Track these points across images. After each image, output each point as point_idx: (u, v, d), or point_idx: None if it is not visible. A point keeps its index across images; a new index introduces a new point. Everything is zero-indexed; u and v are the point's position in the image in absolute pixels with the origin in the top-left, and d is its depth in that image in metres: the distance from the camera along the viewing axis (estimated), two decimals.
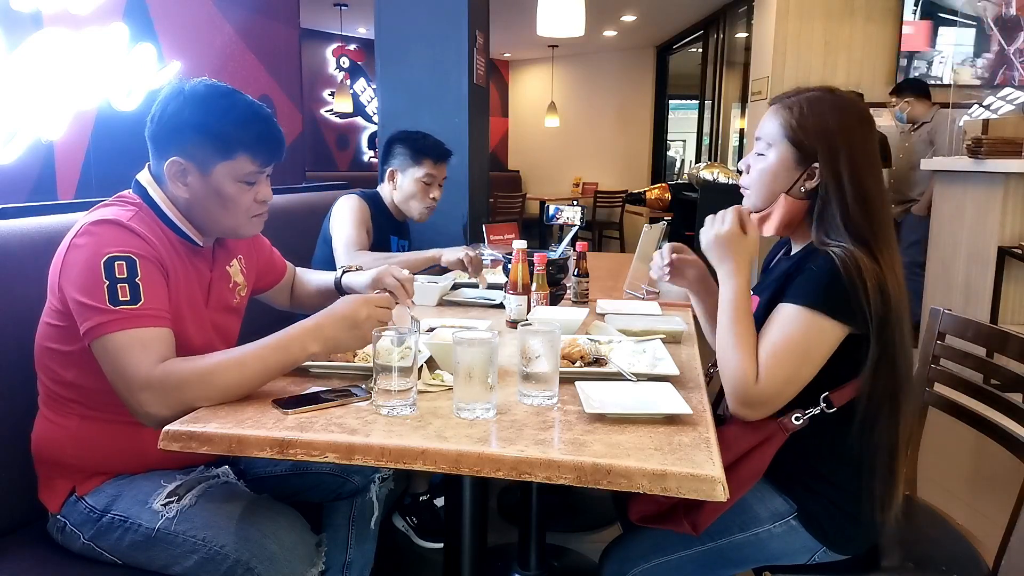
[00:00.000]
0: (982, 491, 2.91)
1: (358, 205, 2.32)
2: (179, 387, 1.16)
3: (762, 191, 1.34)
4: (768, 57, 5.73)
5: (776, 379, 1.19)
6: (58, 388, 1.32)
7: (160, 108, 1.33)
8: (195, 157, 1.32)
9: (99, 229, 1.23)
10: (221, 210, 1.36)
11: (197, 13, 2.90)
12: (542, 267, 1.79)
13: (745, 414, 1.22)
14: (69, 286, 1.21)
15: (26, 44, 2.12)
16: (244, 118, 1.33)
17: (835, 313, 1.18)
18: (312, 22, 8.39)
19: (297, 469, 1.52)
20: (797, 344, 1.19)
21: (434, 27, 3.15)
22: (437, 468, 1.02)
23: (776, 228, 1.34)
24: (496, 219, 7.11)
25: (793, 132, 1.28)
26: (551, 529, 2.21)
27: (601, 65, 10.17)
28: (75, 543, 1.31)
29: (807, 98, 1.29)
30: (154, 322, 1.21)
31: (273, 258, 1.71)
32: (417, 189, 2.39)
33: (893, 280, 1.21)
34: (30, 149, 2.16)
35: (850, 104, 1.29)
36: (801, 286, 1.22)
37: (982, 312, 3.86)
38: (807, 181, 1.29)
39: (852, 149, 1.25)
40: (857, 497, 1.27)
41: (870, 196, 1.25)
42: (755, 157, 1.35)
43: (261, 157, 1.35)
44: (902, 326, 1.23)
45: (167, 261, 1.29)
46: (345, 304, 1.29)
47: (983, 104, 4.81)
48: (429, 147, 2.40)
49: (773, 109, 1.33)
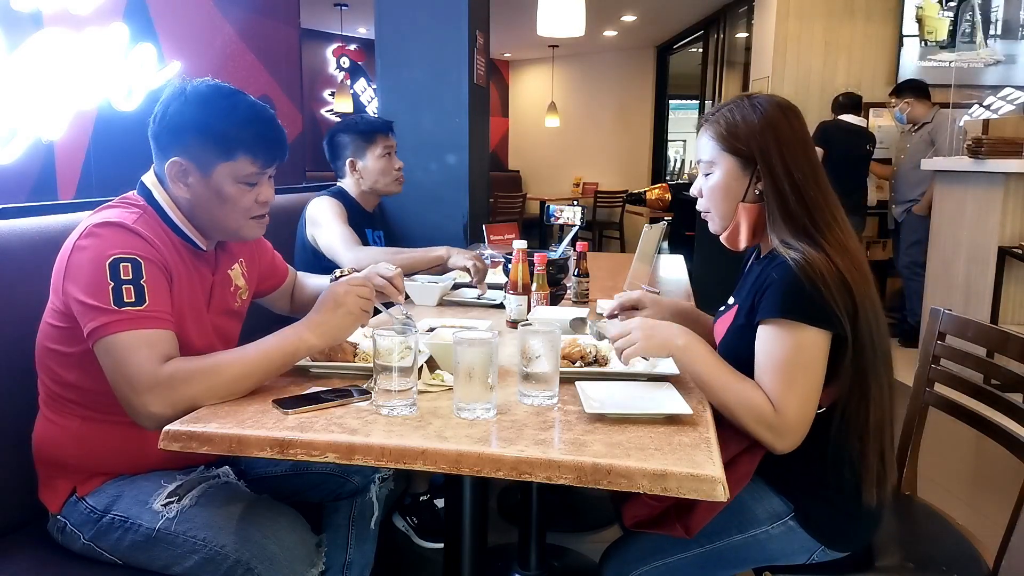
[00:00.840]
0: (982, 491, 2.91)
1: (334, 204, 2.32)
2: (184, 384, 1.16)
3: (720, 208, 1.35)
4: (768, 57, 5.73)
5: (793, 401, 1.19)
6: (59, 389, 1.32)
7: (162, 108, 1.33)
8: (196, 158, 1.32)
9: (104, 231, 1.23)
10: (221, 211, 1.35)
11: (197, 13, 2.90)
12: (542, 267, 1.80)
13: (782, 445, 1.20)
14: (73, 287, 1.21)
15: (26, 44, 2.11)
16: (246, 119, 1.33)
17: (813, 320, 1.19)
18: (312, 22, 8.38)
19: (297, 469, 1.52)
20: (794, 361, 1.19)
21: (434, 27, 3.14)
22: (437, 468, 1.02)
23: (747, 239, 1.35)
24: (496, 219, 7.11)
25: (727, 142, 1.31)
26: (551, 529, 2.21)
27: (601, 65, 10.17)
28: (75, 543, 1.31)
29: (728, 109, 1.33)
30: (159, 324, 1.21)
31: (275, 262, 1.71)
32: (382, 164, 2.41)
33: (848, 265, 1.21)
34: (30, 149, 2.16)
35: (767, 100, 1.32)
36: (771, 301, 1.22)
37: (982, 312, 3.86)
38: (757, 184, 1.30)
39: (781, 140, 1.28)
40: (852, 493, 1.27)
41: (807, 179, 1.27)
42: (703, 180, 1.37)
43: (262, 158, 1.35)
44: (875, 315, 1.23)
45: (170, 264, 1.30)
46: (324, 292, 1.33)
47: (983, 104, 4.82)
48: (373, 124, 2.43)
49: (703, 130, 1.36)
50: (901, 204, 4.92)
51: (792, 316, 1.19)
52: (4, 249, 1.44)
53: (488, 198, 3.82)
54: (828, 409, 1.26)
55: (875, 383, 1.23)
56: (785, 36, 5.65)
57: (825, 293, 1.18)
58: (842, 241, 1.25)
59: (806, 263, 1.19)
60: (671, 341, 1.26)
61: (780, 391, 1.19)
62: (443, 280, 2.12)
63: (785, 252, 1.23)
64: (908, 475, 1.65)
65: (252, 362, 1.22)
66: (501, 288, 2.00)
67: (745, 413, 1.20)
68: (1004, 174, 3.78)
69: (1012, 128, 4.92)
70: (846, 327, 1.19)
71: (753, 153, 1.29)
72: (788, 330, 1.20)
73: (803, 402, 1.20)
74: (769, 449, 1.22)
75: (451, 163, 3.19)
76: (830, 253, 1.22)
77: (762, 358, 1.23)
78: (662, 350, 1.26)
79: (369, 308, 1.34)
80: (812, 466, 1.28)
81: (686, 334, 1.27)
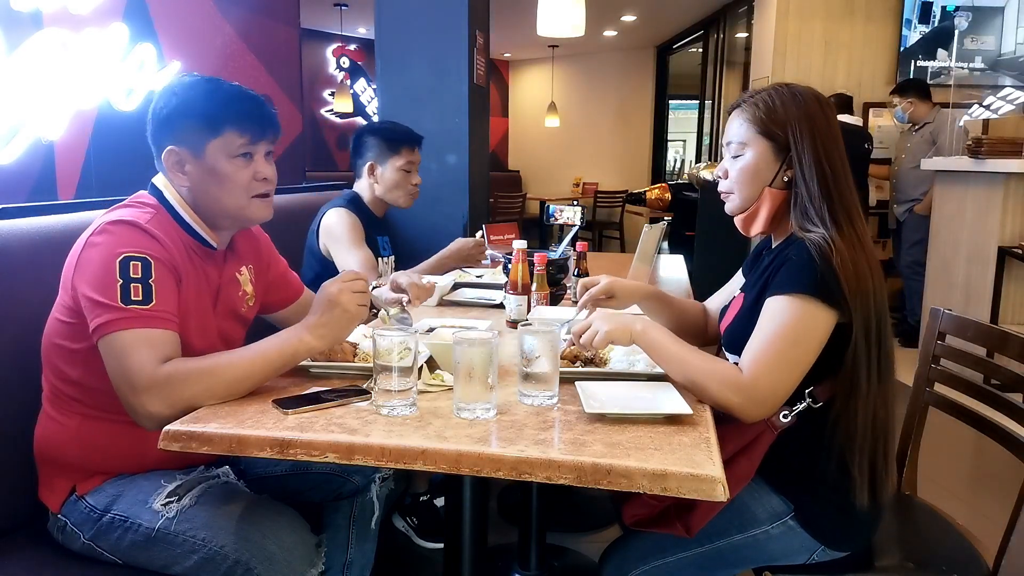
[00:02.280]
0: (982, 491, 2.91)
1: (353, 221, 2.28)
2: (183, 384, 1.16)
3: (745, 190, 1.35)
4: (768, 57, 5.73)
5: (769, 368, 1.18)
6: (63, 385, 1.32)
7: (154, 106, 1.36)
8: (186, 141, 1.34)
9: (117, 229, 1.25)
10: (221, 191, 1.36)
11: (197, 13, 2.90)
12: (542, 267, 1.79)
13: (750, 411, 1.19)
14: (82, 283, 1.22)
15: (26, 44, 2.11)
16: (228, 96, 1.36)
17: (824, 297, 1.19)
18: (312, 22, 8.38)
19: (297, 469, 1.52)
20: (786, 331, 1.19)
21: (434, 27, 3.14)
22: (437, 468, 1.02)
23: (764, 224, 1.36)
24: (496, 219, 7.11)
25: (764, 125, 1.32)
26: (551, 529, 2.20)
27: (601, 65, 10.17)
28: (75, 543, 1.32)
29: (767, 93, 1.34)
30: (163, 324, 1.22)
31: (288, 278, 1.69)
32: (399, 178, 2.38)
33: (864, 258, 1.23)
34: (30, 149, 2.16)
35: (806, 90, 1.33)
36: (784, 276, 1.23)
37: (982, 312, 3.86)
38: (787, 171, 1.31)
39: (817, 131, 1.29)
40: (850, 491, 1.26)
41: (836, 174, 1.28)
42: (731, 160, 1.37)
43: (249, 130, 1.35)
44: (881, 313, 1.23)
45: (180, 265, 1.30)
46: (319, 293, 1.31)
47: (983, 104, 4.82)
48: (402, 135, 2.40)
49: (737, 112, 1.36)
50: (903, 204, 4.92)
51: (803, 291, 1.19)
52: (4, 249, 1.44)
53: (488, 198, 3.82)
54: (827, 405, 1.25)
55: (866, 381, 1.23)
56: (785, 36, 5.64)
57: (840, 275, 1.18)
58: (860, 236, 1.26)
59: (826, 243, 1.21)
60: (630, 326, 1.28)
61: (758, 357, 1.19)
62: (443, 280, 2.12)
63: (804, 235, 1.25)
64: (908, 475, 1.65)
65: (251, 364, 1.22)
66: (501, 288, 2.00)
67: (710, 380, 1.19)
68: (1004, 174, 3.78)
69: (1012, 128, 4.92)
70: (854, 316, 1.19)
71: (788, 140, 1.30)
72: (796, 303, 1.19)
73: (781, 373, 1.18)
74: (739, 417, 1.20)
75: (451, 163, 3.19)
76: (851, 244, 1.23)
77: (759, 327, 1.22)
78: (624, 336, 1.28)
79: (366, 302, 1.32)
80: (812, 465, 1.28)
81: (642, 320, 1.30)
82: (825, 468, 1.27)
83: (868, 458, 1.25)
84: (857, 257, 1.22)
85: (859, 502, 1.25)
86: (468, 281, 2.24)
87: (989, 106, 4.79)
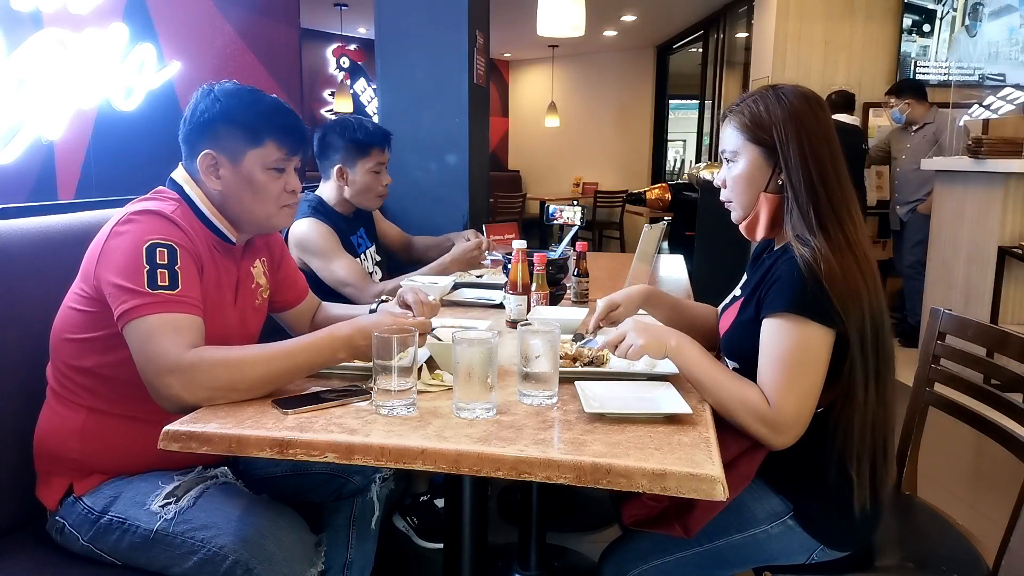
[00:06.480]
0: (982, 491, 2.91)
1: (324, 230, 2.14)
2: (208, 373, 1.17)
3: (743, 197, 1.36)
4: (768, 57, 5.73)
5: (790, 396, 1.19)
6: (74, 375, 1.33)
7: (191, 109, 1.39)
8: (226, 148, 1.37)
9: (143, 218, 1.27)
10: (253, 200, 1.40)
11: (197, 13, 2.90)
12: (542, 267, 1.79)
13: (777, 441, 1.20)
14: (107, 271, 1.24)
15: (26, 44, 2.11)
16: (271, 108, 1.40)
17: (815, 316, 1.19)
18: (312, 22, 8.38)
19: (297, 470, 1.52)
20: (792, 356, 1.19)
21: (434, 27, 3.14)
22: (437, 468, 1.02)
23: (766, 229, 1.36)
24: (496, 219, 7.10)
25: (751, 132, 1.31)
26: (551, 529, 2.21)
27: (601, 65, 10.17)
28: (74, 544, 1.32)
29: (752, 99, 1.33)
30: (189, 309, 1.24)
31: (296, 279, 1.69)
32: (370, 180, 2.27)
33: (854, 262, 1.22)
34: (30, 149, 2.16)
35: (792, 91, 1.32)
36: (776, 295, 1.23)
37: (982, 312, 3.86)
38: (779, 175, 1.31)
39: (803, 130, 1.28)
40: (850, 492, 1.27)
41: (825, 172, 1.27)
42: (727, 170, 1.37)
43: (288, 144, 1.40)
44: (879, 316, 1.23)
45: (202, 257, 1.33)
46: (374, 318, 1.30)
47: (983, 104, 4.81)
48: (372, 136, 2.27)
49: (727, 121, 1.36)
50: (905, 204, 4.91)
51: (797, 311, 1.19)
52: (4, 249, 1.44)
53: (488, 198, 3.81)
54: (826, 408, 1.26)
55: (863, 387, 1.23)
56: (785, 36, 5.64)
57: (831, 292, 1.18)
58: (855, 238, 1.25)
59: (815, 261, 1.20)
60: (665, 341, 1.27)
61: (778, 386, 1.19)
62: (443, 280, 2.12)
63: (797, 247, 1.24)
64: (908, 475, 1.65)
65: (277, 365, 1.22)
66: (501, 288, 2.00)
67: (740, 408, 1.20)
68: (1004, 174, 3.78)
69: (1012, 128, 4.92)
70: (848, 327, 1.19)
71: (775, 144, 1.29)
72: (792, 325, 1.20)
73: (801, 398, 1.20)
74: (766, 446, 1.22)
75: (451, 163, 3.19)
76: (841, 250, 1.22)
77: (765, 352, 1.23)
78: (659, 350, 1.27)
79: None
80: (811, 465, 1.28)
81: (676, 334, 1.28)
82: (825, 469, 1.27)
83: (868, 460, 1.26)
84: (847, 263, 1.21)
85: (859, 503, 1.25)
86: (468, 281, 2.24)
87: (989, 106, 4.79)
